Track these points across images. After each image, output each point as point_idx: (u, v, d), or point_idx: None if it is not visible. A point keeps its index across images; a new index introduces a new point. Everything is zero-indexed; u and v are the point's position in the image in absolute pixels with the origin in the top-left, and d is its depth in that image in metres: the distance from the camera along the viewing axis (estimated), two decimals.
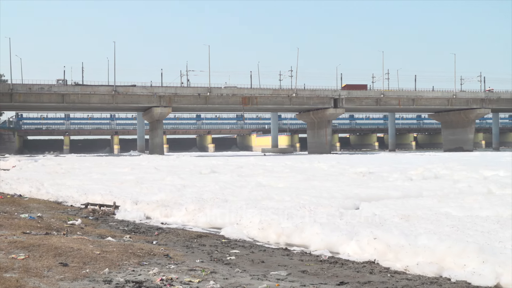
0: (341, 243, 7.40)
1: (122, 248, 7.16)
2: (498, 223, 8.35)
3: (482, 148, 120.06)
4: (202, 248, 7.78)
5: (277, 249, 7.87)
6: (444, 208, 10.82)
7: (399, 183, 17.70)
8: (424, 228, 8.04)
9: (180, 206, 11.61)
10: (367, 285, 5.60)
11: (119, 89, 73.85)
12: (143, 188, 16.52)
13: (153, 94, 74.74)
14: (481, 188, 15.12)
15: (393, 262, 6.47)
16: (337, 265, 6.60)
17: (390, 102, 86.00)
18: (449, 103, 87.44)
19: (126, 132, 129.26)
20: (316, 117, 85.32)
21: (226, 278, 5.77)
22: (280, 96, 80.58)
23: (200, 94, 77.11)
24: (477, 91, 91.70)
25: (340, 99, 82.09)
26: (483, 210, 10.47)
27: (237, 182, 18.86)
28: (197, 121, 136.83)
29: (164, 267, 6.20)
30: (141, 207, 11.97)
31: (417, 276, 5.96)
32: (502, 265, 5.64)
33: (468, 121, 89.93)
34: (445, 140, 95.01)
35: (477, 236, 7.24)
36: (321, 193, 14.14)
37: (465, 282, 5.60)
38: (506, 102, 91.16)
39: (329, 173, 24.00)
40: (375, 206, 11.38)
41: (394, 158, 51.91)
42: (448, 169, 24.11)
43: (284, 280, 5.80)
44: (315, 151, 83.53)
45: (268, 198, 13.25)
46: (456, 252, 6.10)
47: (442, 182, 17.43)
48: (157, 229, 9.67)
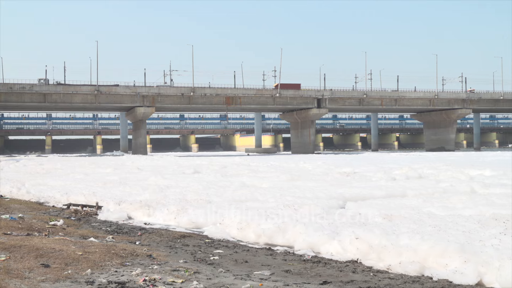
0: (324, 242, 7.42)
1: (104, 249, 7.12)
2: (479, 222, 8.43)
3: (464, 148, 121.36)
4: (185, 248, 7.76)
5: (260, 249, 7.88)
6: (428, 208, 10.90)
7: (382, 182, 17.80)
8: (407, 227, 8.09)
9: (163, 206, 11.56)
10: (350, 284, 5.63)
11: (102, 89, 73.35)
12: (126, 188, 16.42)
13: (136, 94, 74.35)
14: (464, 187, 15.24)
15: (376, 261, 6.51)
16: (320, 265, 6.62)
17: (373, 103, 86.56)
18: (431, 103, 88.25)
19: (109, 132, 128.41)
20: (300, 117, 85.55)
21: (209, 278, 5.76)
22: (263, 96, 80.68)
23: (184, 94, 76.88)
24: (459, 92, 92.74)
25: (324, 99, 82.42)
26: (466, 209, 10.55)
27: (221, 182, 18.83)
28: (181, 121, 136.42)
29: (147, 268, 6.17)
30: (124, 208, 11.89)
31: (400, 275, 6.01)
32: (483, 264, 5.70)
33: (449, 121, 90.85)
34: (427, 140, 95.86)
35: (458, 235, 7.30)
36: (304, 193, 14.16)
37: (447, 281, 5.66)
38: (486, 103, 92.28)
39: (313, 173, 24.05)
40: (359, 206, 11.43)
41: (379, 158, 52.21)
42: (434, 168, 24.25)
43: (267, 279, 5.81)
44: (299, 151, 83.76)
45: (252, 198, 13.24)
46: (438, 252, 6.15)
47: (426, 182, 17.54)
48: (140, 230, 9.62)
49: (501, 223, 8.20)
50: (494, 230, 7.59)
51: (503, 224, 8.10)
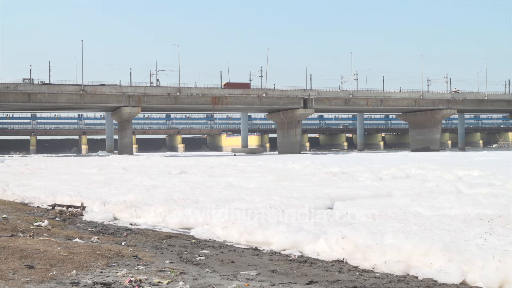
0: (308, 242, 7.44)
1: (90, 250, 7.07)
2: (464, 222, 8.49)
3: (449, 148, 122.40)
4: (171, 248, 7.74)
5: (247, 249, 7.88)
6: (415, 208, 10.96)
7: (369, 182, 17.88)
8: (393, 227, 8.13)
9: (149, 206, 11.51)
10: (336, 283, 5.66)
11: (87, 89, 72.90)
12: (112, 188, 16.34)
13: (122, 94, 74.00)
14: (450, 187, 15.37)
15: (362, 261, 6.53)
16: (306, 264, 6.64)
17: (359, 103, 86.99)
18: (416, 103, 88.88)
19: (95, 132, 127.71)
20: (286, 117, 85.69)
21: (195, 278, 5.75)
22: (250, 96, 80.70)
23: (170, 94, 76.69)
24: (444, 92, 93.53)
25: (310, 99, 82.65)
26: (452, 209, 10.63)
27: (208, 182, 18.80)
28: (167, 121, 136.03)
29: (133, 268, 6.15)
30: (109, 208, 11.82)
31: (385, 274, 6.04)
32: (467, 263, 5.74)
33: (434, 122, 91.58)
34: (413, 140, 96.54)
35: (443, 235, 7.35)
36: (291, 193, 14.19)
37: (432, 280, 5.70)
38: (471, 103, 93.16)
39: (301, 173, 24.07)
40: (346, 206, 11.47)
41: (367, 158, 52.42)
42: (422, 169, 24.37)
43: (254, 279, 5.81)
44: (285, 151, 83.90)
45: (238, 198, 13.24)
46: (422, 251, 6.19)
47: (412, 182, 17.63)
48: (126, 230, 9.58)
49: (486, 222, 8.28)
50: (479, 230, 7.66)
51: (487, 223, 8.18)
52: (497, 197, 12.22)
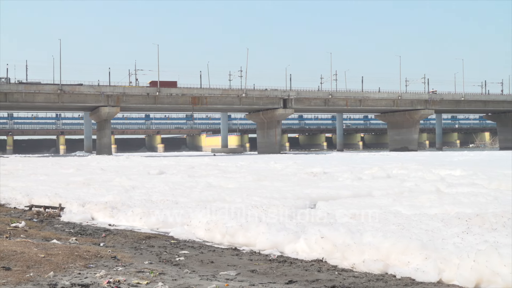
0: (288, 242, 7.46)
1: (67, 251, 7.01)
2: (442, 221, 8.59)
3: (426, 148, 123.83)
4: (150, 249, 7.70)
5: (226, 249, 7.88)
6: (395, 207, 11.05)
7: (349, 182, 17.97)
8: (372, 226, 8.19)
9: (128, 207, 11.44)
10: (315, 283, 5.69)
11: (65, 88, 72.14)
12: (91, 189, 16.20)
13: (101, 94, 73.38)
14: (430, 187, 15.53)
15: (341, 260, 6.58)
16: (285, 264, 6.67)
17: (338, 103, 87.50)
18: (394, 104, 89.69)
19: (73, 132, 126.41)
20: (266, 117, 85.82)
21: (175, 279, 5.73)
22: (230, 96, 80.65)
23: (149, 94, 76.30)
24: (421, 93, 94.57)
25: (290, 99, 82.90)
26: (432, 208, 10.74)
27: (188, 182, 18.74)
28: (146, 121, 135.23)
29: (111, 270, 6.11)
30: (88, 209, 11.71)
31: (364, 273, 6.09)
32: (443, 261, 5.81)
33: (412, 122, 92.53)
34: (391, 140, 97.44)
35: (421, 234, 7.43)
36: (272, 193, 14.20)
37: (410, 278, 5.76)
38: (448, 104, 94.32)
39: (281, 173, 24.09)
40: (327, 206, 11.53)
41: (348, 158, 52.70)
42: (405, 169, 24.55)
43: (233, 280, 5.81)
44: (265, 151, 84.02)
45: (219, 199, 13.22)
46: (400, 249, 6.25)
47: (392, 181, 17.74)
48: (105, 231, 9.50)
49: (463, 221, 8.38)
50: (456, 229, 7.75)
51: (465, 222, 8.28)
52: (477, 196, 12.34)
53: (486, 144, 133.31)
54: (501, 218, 8.33)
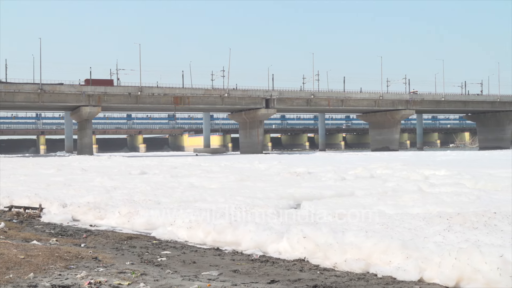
0: (272, 241, 7.46)
1: (48, 252, 6.94)
2: (424, 220, 8.66)
3: (407, 148, 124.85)
4: (132, 250, 7.65)
5: (208, 249, 7.86)
6: (379, 206, 11.11)
7: (331, 182, 18.02)
8: (356, 226, 8.23)
9: (111, 208, 11.34)
10: (297, 282, 5.70)
11: (46, 88, 71.38)
12: (71, 189, 16.04)
13: (82, 93, 72.77)
14: (412, 186, 15.65)
15: (323, 259, 6.59)
16: (268, 264, 6.67)
17: (320, 103, 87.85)
18: (376, 104, 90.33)
19: (53, 132, 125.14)
20: (248, 117, 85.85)
21: (156, 279, 5.70)
22: (212, 96, 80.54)
23: (131, 94, 75.84)
24: (402, 93, 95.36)
25: (272, 99, 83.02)
26: (414, 208, 10.82)
27: (170, 183, 18.66)
28: (128, 121, 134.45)
29: (92, 270, 6.06)
30: (68, 210, 11.60)
31: (346, 272, 6.11)
32: (424, 260, 5.86)
33: (394, 122, 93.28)
34: (373, 140, 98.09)
35: (404, 232, 7.48)
36: (255, 193, 14.19)
37: (391, 277, 5.80)
38: (429, 104, 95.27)
39: (264, 173, 24.08)
40: (311, 205, 11.54)
41: (332, 158, 52.89)
42: (389, 168, 24.68)
43: (215, 280, 5.80)
44: (247, 151, 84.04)
45: (201, 199, 13.17)
46: (381, 249, 6.29)
47: (375, 181, 17.84)
48: (86, 232, 9.42)
49: (445, 220, 8.46)
50: (438, 227, 7.83)
51: (447, 221, 8.36)
52: (460, 196, 12.45)
53: (466, 144, 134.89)
54: (482, 217, 8.43)
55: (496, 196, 12.57)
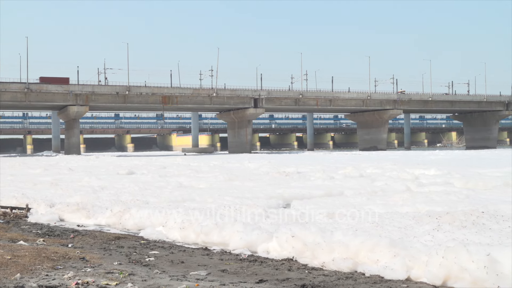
0: (262, 241, 7.46)
1: (35, 252, 6.89)
2: (414, 219, 8.70)
3: (395, 147, 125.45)
4: (120, 250, 7.62)
5: (197, 249, 7.84)
6: (369, 206, 11.13)
7: (320, 182, 18.03)
8: (346, 225, 8.25)
9: (98, 208, 11.29)
10: (285, 282, 5.70)
11: (33, 87, 70.84)
12: (58, 189, 15.93)
13: (69, 92, 72.30)
14: (400, 185, 15.72)
15: (311, 259, 6.60)
16: (256, 263, 6.67)
17: (309, 103, 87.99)
18: (364, 104, 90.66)
19: (40, 131, 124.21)
20: (237, 116, 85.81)
21: (144, 280, 5.68)
22: (200, 95, 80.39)
23: (119, 93, 75.48)
24: (390, 93, 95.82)
25: (260, 99, 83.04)
26: (404, 207, 10.87)
27: (158, 182, 18.60)
28: (116, 120, 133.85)
29: (80, 271, 6.02)
30: (56, 210, 11.52)
31: (334, 271, 6.13)
32: (411, 259, 5.88)
33: (382, 121, 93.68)
34: (361, 139, 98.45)
35: (394, 231, 7.51)
36: (243, 193, 14.16)
37: (378, 276, 5.82)
38: (416, 104, 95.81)
39: (254, 173, 24.05)
40: (302, 205, 11.56)
41: (322, 157, 52.99)
42: (380, 168, 24.76)
43: (203, 280, 5.79)
44: (236, 150, 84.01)
45: (189, 199, 13.13)
46: (369, 247, 6.31)
47: (364, 181, 17.86)
48: (73, 232, 9.36)
49: (434, 219, 8.51)
50: (428, 226, 7.87)
51: (436, 220, 8.42)
52: (449, 195, 12.54)
53: (453, 144, 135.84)
54: (471, 216, 8.50)
55: (484, 196, 12.67)
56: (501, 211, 9.47)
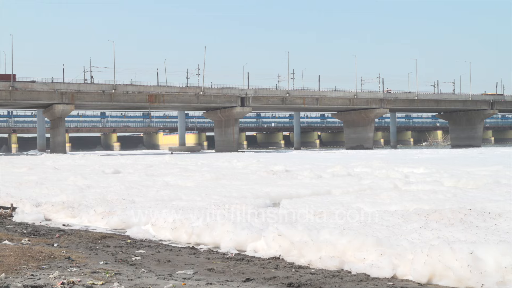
0: (252, 240, 7.46)
1: (20, 252, 6.83)
2: (402, 217, 8.75)
3: (381, 146, 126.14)
4: (106, 249, 7.58)
5: (183, 248, 7.83)
6: (357, 204, 11.16)
7: (308, 180, 18.05)
8: (335, 224, 8.28)
9: (84, 207, 11.23)
10: (272, 280, 5.71)
11: (18, 85, 70.14)
12: (44, 188, 15.80)
13: (55, 91, 71.71)
14: (387, 184, 15.78)
15: (298, 257, 6.63)
16: (243, 262, 6.67)
17: (295, 102, 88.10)
18: (350, 102, 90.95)
19: (25, 130, 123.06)
20: (224, 115, 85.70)
21: (131, 279, 5.66)
22: (187, 94, 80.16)
23: (105, 91, 75.01)
24: (376, 92, 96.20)
25: (247, 97, 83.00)
26: (392, 205, 10.91)
27: (144, 181, 18.52)
28: (102, 119, 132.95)
29: (65, 270, 5.98)
30: (41, 209, 11.45)
31: (320, 270, 6.15)
32: (398, 257, 5.93)
33: (368, 120, 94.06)
34: (347, 138, 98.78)
35: (382, 230, 7.55)
36: (230, 192, 14.12)
37: (365, 274, 5.85)
38: (402, 103, 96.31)
39: (241, 172, 23.99)
40: (291, 204, 11.55)
41: (310, 156, 53.06)
42: (368, 167, 24.83)
43: (190, 279, 5.78)
44: (223, 149, 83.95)
45: (177, 198, 13.07)
46: (355, 246, 6.34)
47: (351, 179, 17.89)
48: (59, 231, 9.30)
49: (422, 217, 8.59)
50: (415, 224, 7.94)
51: (424, 218, 8.49)
52: (437, 193, 12.61)
53: (439, 142, 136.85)
54: (458, 214, 8.58)
55: (472, 194, 12.78)
56: (488, 209, 9.58)
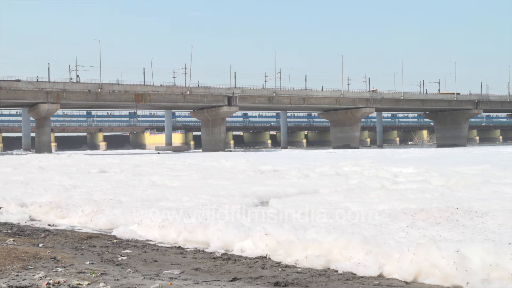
0: (238, 240, 7.45)
1: (4, 252, 6.77)
2: (389, 216, 8.79)
3: (368, 145, 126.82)
4: (92, 249, 7.53)
5: (170, 247, 7.80)
6: (345, 203, 11.17)
7: (295, 180, 18.05)
8: (324, 223, 8.29)
9: (70, 207, 11.15)
10: (259, 279, 5.71)
11: (2, 84, 69.52)
12: (29, 188, 15.66)
13: (40, 90, 71.16)
14: (375, 183, 15.83)
15: (284, 256, 6.63)
16: (230, 262, 6.67)
17: (282, 101, 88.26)
18: (337, 102, 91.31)
19: (10, 129, 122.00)
20: (211, 115, 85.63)
21: (117, 279, 5.63)
22: (174, 93, 79.96)
23: (91, 91, 74.58)
24: (363, 91, 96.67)
25: (234, 97, 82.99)
26: (380, 204, 10.94)
27: (131, 181, 18.42)
28: (88, 118, 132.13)
29: (51, 271, 5.94)
30: (26, 209, 11.34)
31: (307, 269, 6.16)
32: (384, 256, 5.96)
33: (354, 120, 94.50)
34: (334, 137, 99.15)
35: (370, 229, 7.59)
36: (218, 191, 14.07)
37: (351, 273, 5.87)
38: (388, 102, 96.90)
39: (229, 171, 23.92)
40: (279, 203, 11.54)
41: (298, 155, 53.12)
42: (358, 166, 24.87)
43: (177, 278, 5.77)
44: (210, 148, 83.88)
45: (163, 198, 12.99)
46: (342, 244, 6.36)
47: (339, 179, 17.89)
48: (44, 231, 9.22)
49: (409, 216, 8.63)
50: (403, 223, 7.97)
51: (411, 217, 8.54)
52: (424, 192, 12.67)
53: (424, 142, 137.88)
54: (445, 213, 8.64)
55: (459, 193, 12.85)
56: (475, 207, 9.65)
